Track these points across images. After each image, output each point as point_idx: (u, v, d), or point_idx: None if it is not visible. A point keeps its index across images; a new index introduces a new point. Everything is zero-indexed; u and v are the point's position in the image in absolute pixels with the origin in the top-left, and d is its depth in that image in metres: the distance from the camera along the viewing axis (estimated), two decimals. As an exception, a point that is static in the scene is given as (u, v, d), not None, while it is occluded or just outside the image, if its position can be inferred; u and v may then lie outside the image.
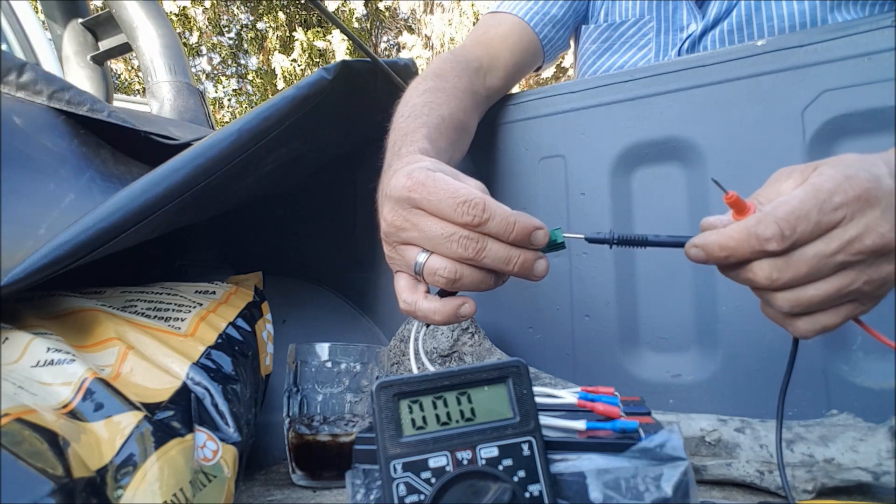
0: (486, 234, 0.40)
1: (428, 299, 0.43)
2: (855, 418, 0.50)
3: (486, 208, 0.39)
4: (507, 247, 0.40)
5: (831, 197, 0.34)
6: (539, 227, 0.40)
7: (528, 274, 0.41)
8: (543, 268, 0.41)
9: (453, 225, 0.40)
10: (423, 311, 0.43)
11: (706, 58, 0.63)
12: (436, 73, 0.67)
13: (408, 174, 0.42)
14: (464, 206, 0.39)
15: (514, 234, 0.40)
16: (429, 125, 0.56)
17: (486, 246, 0.40)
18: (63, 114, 0.63)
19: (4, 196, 0.49)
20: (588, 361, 0.68)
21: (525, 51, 0.81)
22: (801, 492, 0.44)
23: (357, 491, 0.32)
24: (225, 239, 0.89)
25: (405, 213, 0.43)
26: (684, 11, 0.79)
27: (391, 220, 0.44)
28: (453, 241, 0.40)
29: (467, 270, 0.41)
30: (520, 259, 0.40)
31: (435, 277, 0.42)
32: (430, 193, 0.41)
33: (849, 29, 0.57)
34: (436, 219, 0.41)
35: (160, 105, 1.08)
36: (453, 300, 0.43)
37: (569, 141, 0.71)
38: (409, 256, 0.43)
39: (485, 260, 0.40)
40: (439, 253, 0.42)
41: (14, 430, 0.31)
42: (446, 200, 0.40)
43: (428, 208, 0.41)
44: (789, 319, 0.38)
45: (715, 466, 0.49)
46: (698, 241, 0.38)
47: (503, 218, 0.40)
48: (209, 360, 0.47)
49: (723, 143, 0.62)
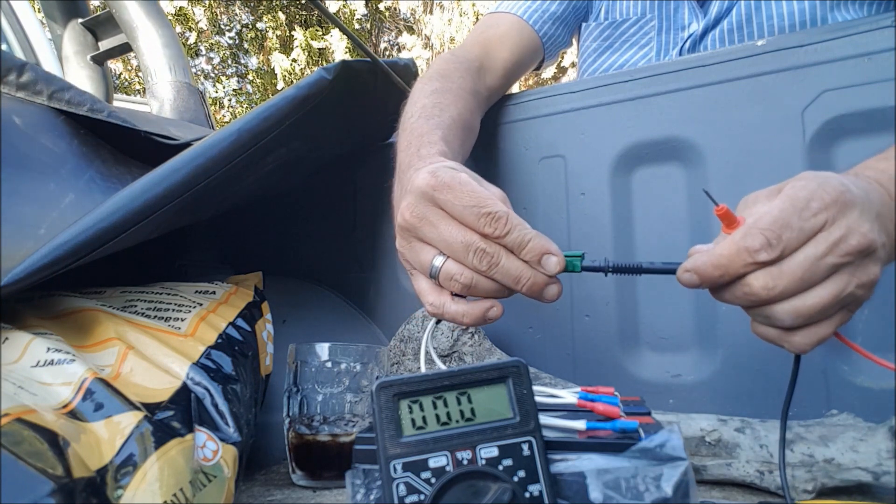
0: (502, 246, 0.40)
1: (455, 301, 0.43)
2: (855, 418, 0.50)
3: (507, 221, 0.40)
4: (519, 265, 0.40)
5: (808, 203, 0.35)
6: (551, 253, 0.40)
7: (537, 296, 0.41)
8: (555, 293, 0.41)
9: (472, 233, 0.40)
10: (452, 314, 0.43)
11: (706, 58, 0.63)
12: (441, 73, 0.67)
13: (432, 172, 0.42)
14: (487, 217, 0.40)
15: (525, 252, 0.40)
16: (442, 126, 0.56)
17: (499, 261, 0.40)
18: (63, 114, 0.63)
19: (4, 196, 0.49)
20: (588, 361, 0.68)
21: (524, 49, 0.81)
22: (801, 492, 0.44)
23: (357, 491, 0.32)
24: (225, 239, 0.89)
25: (425, 209, 0.42)
26: (686, 10, 0.79)
27: (409, 217, 0.43)
28: (470, 251, 0.40)
29: (482, 280, 0.41)
30: (530, 280, 0.41)
31: (451, 283, 0.42)
32: (456, 197, 0.41)
33: (849, 29, 0.57)
34: (456, 223, 0.41)
35: (160, 105, 1.08)
36: (482, 303, 0.43)
37: (569, 141, 0.71)
38: (424, 258, 0.43)
39: (496, 275, 0.41)
40: (455, 259, 0.42)
41: (14, 430, 0.31)
42: (470, 209, 0.40)
43: (451, 211, 0.41)
44: (786, 335, 0.37)
45: (715, 466, 0.49)
46: (689, 265, 0.38)
47: (520, 234, 0.40)
48: (209, 360, 0.47)
49: (723, 143, 0.62)
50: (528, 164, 0.74)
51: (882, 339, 0.55)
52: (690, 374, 0.62)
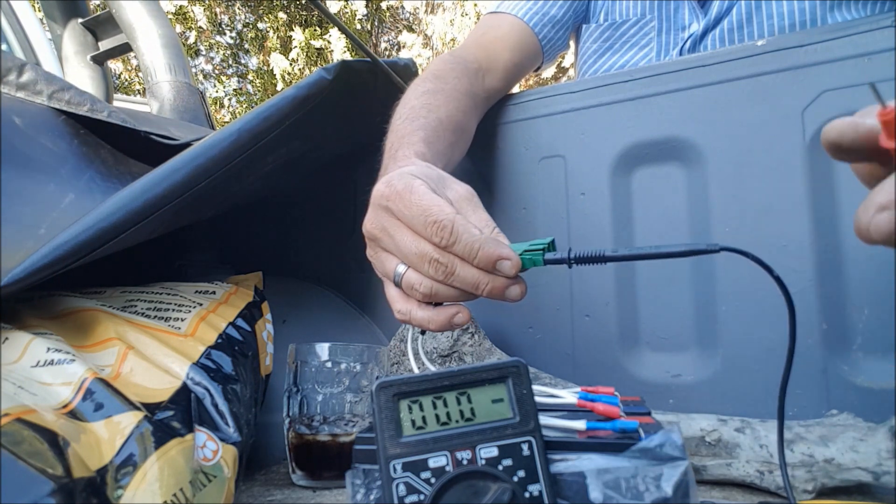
0: (455, 256, 0.40)
1: (422, 308, 0.43)
2: (855, 418, 0.50)
3: (452, 231, 0.39)
4: (475, 272, 0.40)
5: None
6: (505, 258, 0.39)
7: (500, 298, 0.41)
8: (517, 293, 0.41)
9: (426, 243, 0.40)
10: (418, 320, 0.43)
11: (706, 58, 0.63)
12: (435, 74, 0.67)
13: (388, 181, 0.43)
14: (433, 226, 0.39)
15: (476, 261, 0.39)
16: (426, 128, 0.56)
17: (454, 271, 0.40)
18: (63, 114, 0.63)
19: (4, 196, 0.49)
20: (588, 361, 0.68)
21: (524, 51, 0.81)
22: (801, 492, 0.44)
23: (357, 491, 0.32)
24: (225, 239, 0.89)
25: (383, 220, 0.43)
26: (686, 11, 0.79)
27: (370, 228, 0.44)
28: (425, 262, 0.41)
29: (442, 288, 0.41)
30: (489, 285, 0.40)
31: (413, 292, 0.43)
32: (406, 206, 0.41)
33: (849, 29, 0.57)
34: (410, 233, 0.41)
35: (160, 105, 1.08)
36: (447, 309, 0.43)
37: (569, 141, 0.71)
38: (388, 267, 0.44)
39: (454, 283, 0.40)
40: (414, 269, 0.42)
41: (14, 430, 0.31)
42: (418, 217, 0.40)
43: (404, 220, 0.42)
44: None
45: (715, 466, 0.49)
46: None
47: (468, 244, 0.39)
48: (209, 360, 0.47)
49: (723, 143, 0.62)
50: (528, 164, 0.74)
51: (882, 339, 0.55)
52: (690, 374, 0.62)
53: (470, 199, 0.44)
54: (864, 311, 0.56)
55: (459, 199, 0.44)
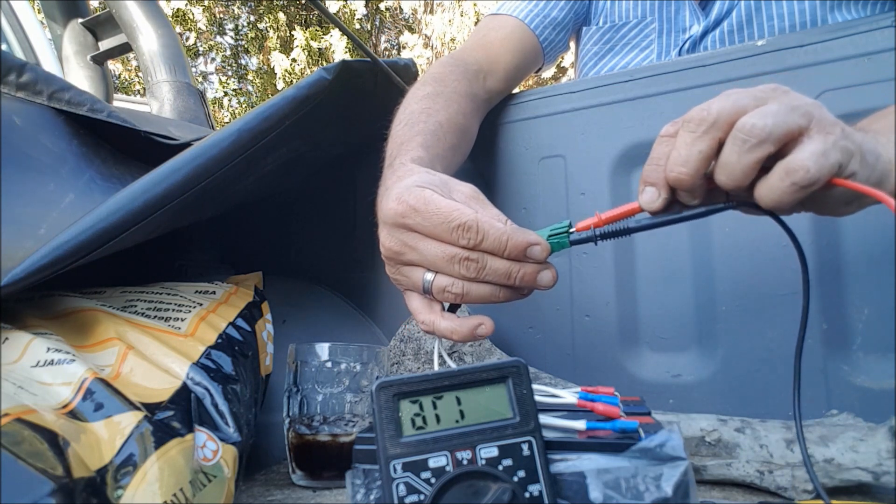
0: (484, 252, 0.40)
1: (445, 318, 0.44)
2: (855, 418, 0.50)
3: (479, 230, 0.40)
4: (506, 262, 0.41)
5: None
6: (534, 243, 0.40)
7: (533, 286, 0.42)
8: (549, 278, 0.41)
9: (452, 246, 0.41)
10: (442, 331, 0.44)
11: (706, 58, 0.63)
12: (435, 77, 0.67)
13: (398, 198, 0.43)
14: (458, 230, 0.40)
15: (507, 252, 0.40)
16: (425, 132, 0.56)
17: (485, 265, 0.41)
18: (63, 114, 0.63)
19: (4, 196, 0.49)
20: (588, 361, 0.68)
21: (525, 53, 0.81)
22: (801, 492, 0.44)
23: (357, 491, 0.32)
24: (225, 239, 0.88)
25: (402, 237, 0.43)
26: (686, 12, 0.79)
27: (389, 246, 0.44)
28: (455, 263, 0.41)
29: (474, 286, 0.42)
30: (520, 273, 0.41)
31: (444, 295, 0.43)
32: (424, 218, 0.41)
33: (849, 29, 0.57)
34: (434, 241, 0.42)
35: (160, 105, 1.08)
36: (470, 320, 0.43)
37: (569, 141, 0.71)
38: (415, 277, 0.44)
39: (486, 278, 0.41)
40: (443, 273, 0.42)
41: (14, 430, 0.31)
42: (441, 225, 0.41)
43: (425, 232, 0.42)
44: None
45: (715, 466, 0.49)
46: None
47: (496, 237, 0.40)
48: (209, 360, 0.47)
49: (723, 143, 0.62)
50: (528, 164, 0.74)
51: (882, 339, 0.55)
52: (690, 374, 0.62)
53: (476, 197, 0.45)
54: (864, 311, 0.56)
55: (467, 199, 0.44)
